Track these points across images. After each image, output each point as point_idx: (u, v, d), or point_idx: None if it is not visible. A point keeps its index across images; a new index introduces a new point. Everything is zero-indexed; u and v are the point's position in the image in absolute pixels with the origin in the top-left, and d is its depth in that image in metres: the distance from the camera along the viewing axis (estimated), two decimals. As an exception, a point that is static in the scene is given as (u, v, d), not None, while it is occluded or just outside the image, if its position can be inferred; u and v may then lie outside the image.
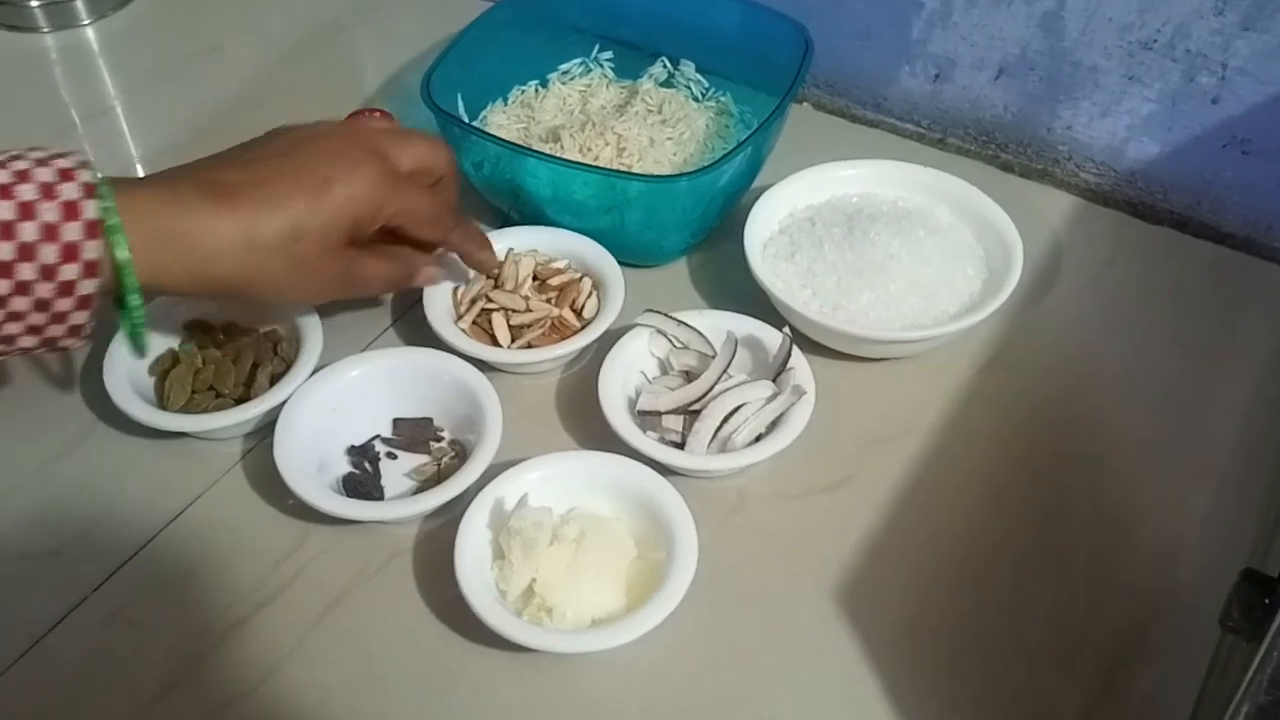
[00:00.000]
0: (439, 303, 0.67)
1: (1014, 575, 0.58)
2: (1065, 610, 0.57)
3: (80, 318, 0.50)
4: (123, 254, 0.50)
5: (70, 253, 0.48)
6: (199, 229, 0.52)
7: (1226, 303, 0.72)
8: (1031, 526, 0.60)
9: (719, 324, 0.65)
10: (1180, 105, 0.74)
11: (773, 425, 0.61)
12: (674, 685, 0.54)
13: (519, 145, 0.70)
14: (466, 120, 0.76)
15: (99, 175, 0.50)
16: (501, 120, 0.79)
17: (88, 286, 0.49)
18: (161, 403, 0.63)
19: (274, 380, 0.63)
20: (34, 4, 0.94)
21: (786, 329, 0.63)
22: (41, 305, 0.49)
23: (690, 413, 0.62)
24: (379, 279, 0.61)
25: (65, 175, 0.48)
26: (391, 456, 0.63)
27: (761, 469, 0.62)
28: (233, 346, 0.65)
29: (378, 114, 0.68)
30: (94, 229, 0.48)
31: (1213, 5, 0.69)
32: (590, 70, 0.83)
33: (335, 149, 0.57)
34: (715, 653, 0.55)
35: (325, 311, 0.66)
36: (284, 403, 0.61)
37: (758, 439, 0.61)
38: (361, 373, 0.63)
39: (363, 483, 0.61)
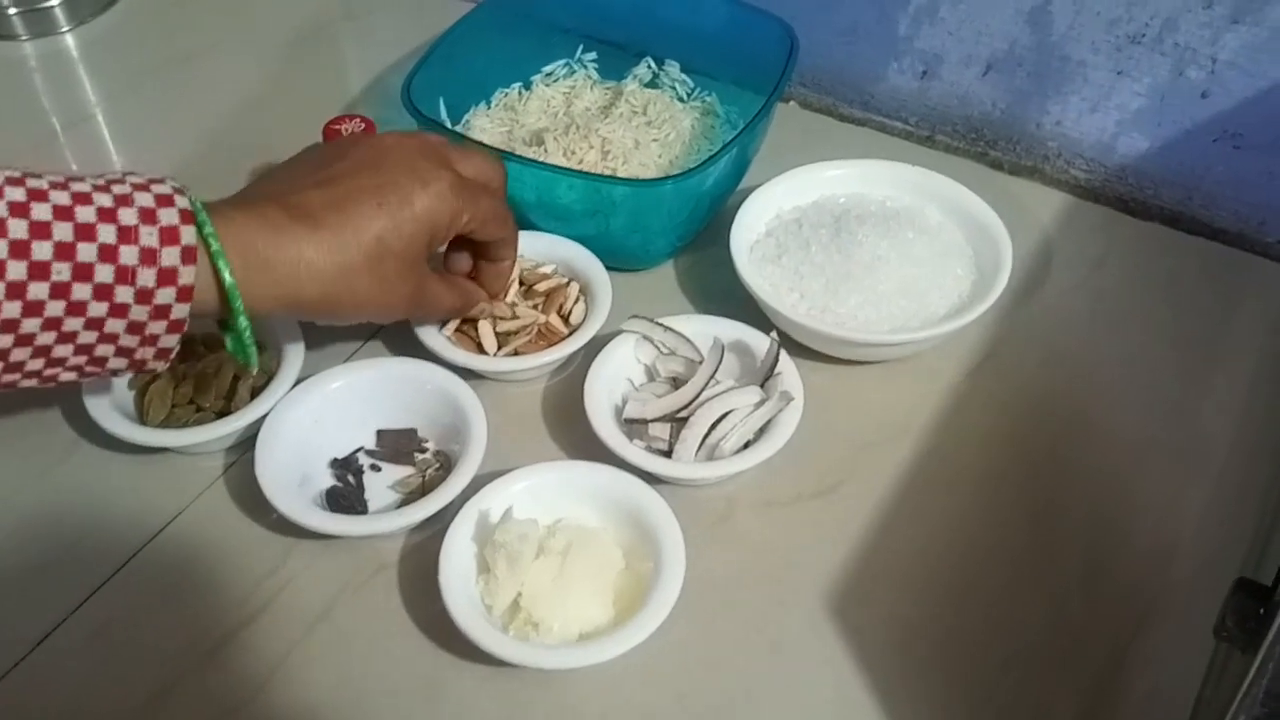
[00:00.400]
0: (423, 311, 0.66)
1: (1007, 581, 0.58)
2: (1059, 616, 0.56)
3: (170, 341, 0.50)
4: (229, 278, 0.50)
5: (168, 277, 0.48)
6: (292, 256, 0.53)
7: (1220, 299, 0.71)
8: (1025, 530, 0.60)
9: (706, 329, 0.64)
10: (1170, 100, 0.73)
11: (761, 431, 0.61)
12: (663, 698, 0.53)
13: (502, 150, 0.69)
14: (449, 124, 0.75)
15: (197, 200, 0.50)
16: (485, 124, 0.78)
17: (181, 311, 0.49)
18: (142, 417, 0.62)
19: (255, 393, 0.62)
20: (12, 11, 0.93)
21: (774, 333, 0.62)
22: (135, 328, 0.49)
23: (677, 420, 0.61)
24: (444, 302, 0.62)
25: (164, 201, 0.49)
26: (375, 469, 0.62)
27: (750, 476, 0.61)
28: (213, 359, 0.64)
29: (358, 120, 0.67)
30: (190, 254, 0.49)
31: (1201, -2, 0.68)
32: (574, 71, 0.82)
33: (409, 165, 0.57)
34: (705, 664, 0.54)
35: (306, 323, 0.65)
36: (265, 416, 0.60)
37: (746, 446, 0.60)
38: (344, 384, 0.62)
39: (346, 496, 0.60)
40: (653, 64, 0.81)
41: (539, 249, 0.69)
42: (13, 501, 0.61)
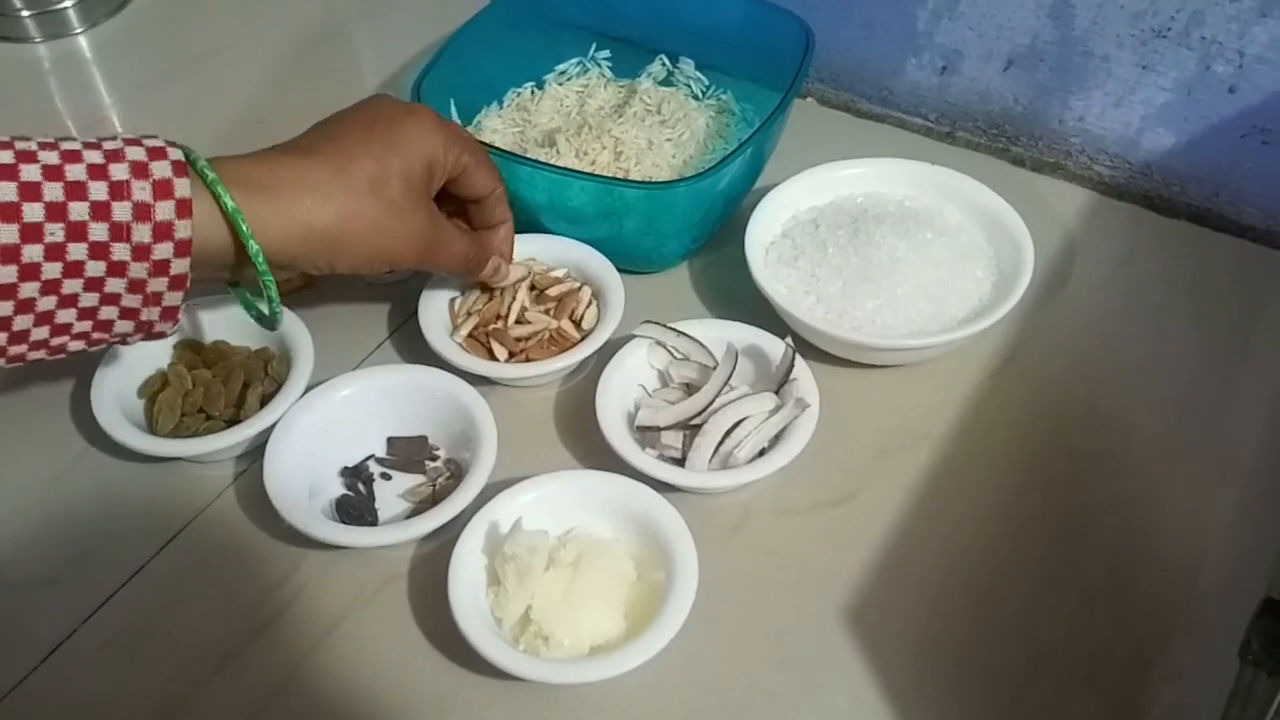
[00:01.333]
0: (434, 315, 0.65)
1: (1028, 591, 0.56)
2: (1081, 629, 0.55)
3: (174, 299, 0.50)
4: (230, 203, 0.50)
5: (164, 231, 0.47)
6: (293, 179, 0.53)
7: (1248, 298, 0.70)
8: (1047, 539, 0.58)
9: (720, 334, 0.63)
10: (1196, 94, 0.71)
11: (776, 439, 0.59)
12: (675, 709, 0.53)
13: (513, 153, 0.68)
14: (460, 127, 0.74)
15: (191, 151, 0.50)
16: (497, 124, 0.77)
17: (181, 266, 0.49)
18: (151, 426, 0.62)
19: (265, 400, 0.62)
20: (26, 14, 0.92)
21: (789, 339, 0.61)
22: (136, 286, 0.48)
23: (691, 427, 0.60)
24: (458, 248, 0.61)
25: (156, 154, 0.48)
26: (386, 477, 0.61)
27: (765, 485, 0.60)
28: (222, 367, 0.63)
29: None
30: (185, 207, 0.48)
31: (1229, -10, 0.67)
32: (587, 70, 0.81)
33: (394, 104, 0.59)
34: (718, 677, 0.54)
35: (316, 329, 0.64)
36: (275, 424, 0.60)
37: (761, 454, 0.59)
38: (353, 391, 0.62)
39: (356, 505, 0.59)
40: (667, 61, 0.80)
41: (551, 252, 0.69)
42: (23, 511, 0.61)
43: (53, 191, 0.45)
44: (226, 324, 0.66)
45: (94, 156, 0.47)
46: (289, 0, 0.97)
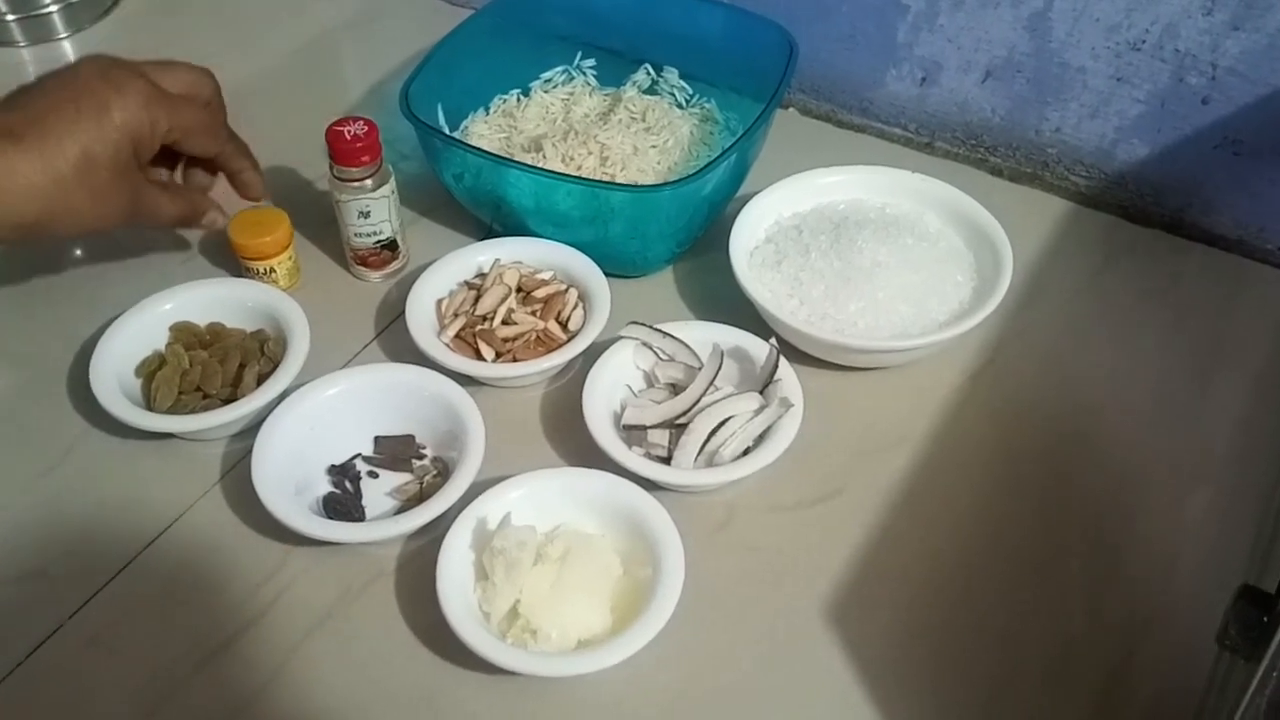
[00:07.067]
0: (422, 315, 0.66)
1: (1007, 587, 0.57)
2: (1059, 623, 0.56)
3: None
4: None
5: None
6: (3, 174, 0.56)
7: (1220, 306, 0.71)
8: (1025, 537, 0.59)
9: (705, 335, 0.64)
10: (1170, 106, 0.73)
11: (761, 438, 0.60)
12: (662, 705, 0.53)
13: (500, 156, 0.69)
14: (447, 131, 0.75)
15: None
16: (483, 130, 0.78)
17: None
18: (149, 404, 0.63)
19: (261, 380, 0.63)
20: (11, 18, 0.92)
21: (773, 339, 0.62)
22: None
23: (676, 426, 0.60)
24: (166, 210, 0.65)
25: None
26: (373, 475, 0.62)
27: (749, 483, 0.61)
28: (219, 347, 0.64)
29: (362, 122, 0.67)
30: None
31: (1201, 5, 0.68)
32: (573, 78, 0.82)
33: (101, 75, 0.60)
34: (704, 671, 0.54)
35: (310, 322, 0.65)
36: (270, 403, 0.61)
37: (745, 452, 0.60)
38: (341, 390, 0.62)
39: (343, 502, 0.59)
40: (651, 70, 0.81)
41: (537, 255, 0.69)
42: (19, 497, 0.61)
43: None
44: (222, 307, 0.67)
45: None
46: (274, 8, 0.98)
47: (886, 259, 0.66)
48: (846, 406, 0.65)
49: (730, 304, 0.67)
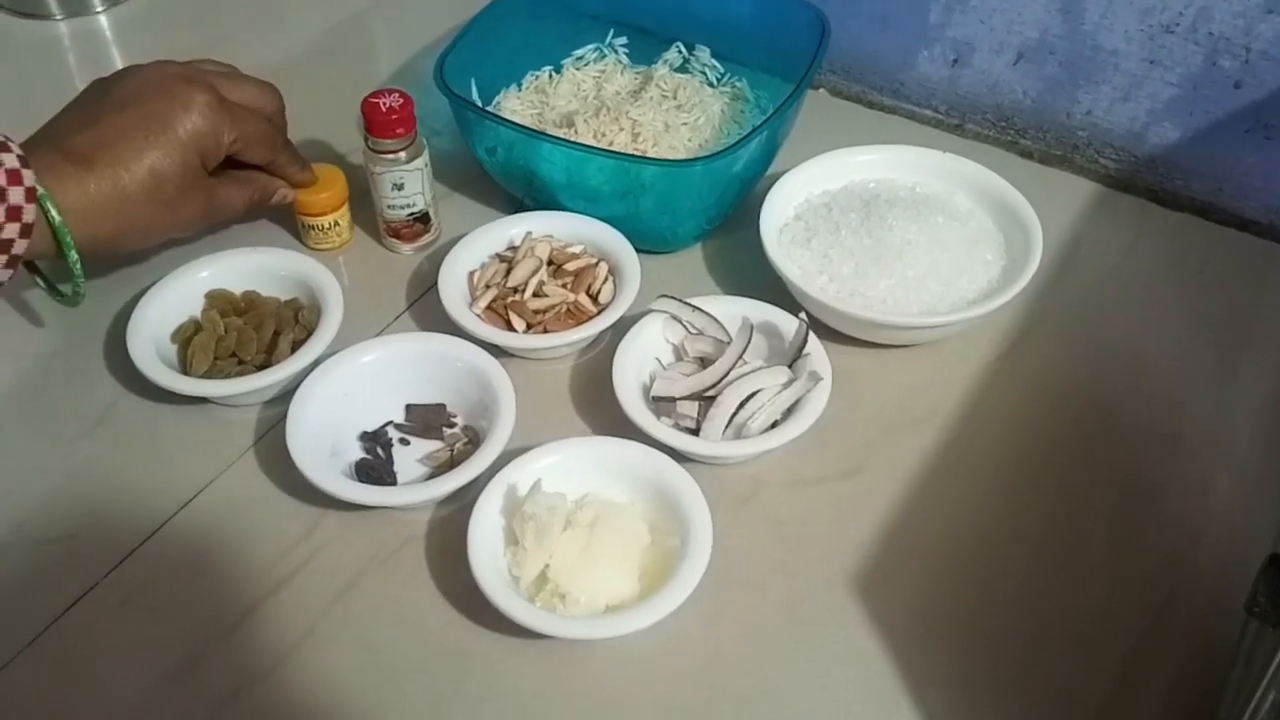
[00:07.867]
0: (454, 286, 0.67)
1: (1033, 561, 0.58)
2: (1085, 596, 0.56)
3: (3, 275, 0.57)
4: (57, 217, 0.57)
5: (13, 214, 0.55)
6: (77, 196, 0.59)
7: (1248, 290, 0.71)
8: (1050, 513, 0.60)
9: (734, 310, 0.64)
10: (1202, 90, 0.73)
11: (788, 412, 0.61)
12: (687, 672, 0.54)
13: (533, 130, 0.70)
14: (480, 105, 0.76)
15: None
16: (515, 105, 0.78)
17: (20, 247, 0.56)
18: (185, 369, 0.64)
19: (295, 347, 0.64)
20: (48, -8, 0.94)
21: (803, 314, 0.63)
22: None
23: (705, 399, 0.61)
24: (240, 202, 0.68)
25: (2, 147, 0.55)
26: (404, 442, 0.62)
27: (777, 455, 0.61)
28: (254, 314, 0.65)
29: (397, 94, 0.67)
30: (32, 194, 0.55)
31: (1236, -13, 0.68)
32: (604, 56, 0.83)
33: (168, 91, 0.63)
34: (729, 639, 0.55)
35: (344, 291, 0.66)
36: (305, 369, 0.61)
37: (773, 425, 0.60)
38: (374, 358, 0.63)
39: (375, 468, 0.60)
40: (683, 49, 0.81)
41: (568, 229, 0.70)
42: (55, 460, 0.62)
43: None
44: (257, 275, 0.68)
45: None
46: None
47: (917, 237, 0.66)
48: (874, 383, 0.66)
49: (760, 280, 0.68)
